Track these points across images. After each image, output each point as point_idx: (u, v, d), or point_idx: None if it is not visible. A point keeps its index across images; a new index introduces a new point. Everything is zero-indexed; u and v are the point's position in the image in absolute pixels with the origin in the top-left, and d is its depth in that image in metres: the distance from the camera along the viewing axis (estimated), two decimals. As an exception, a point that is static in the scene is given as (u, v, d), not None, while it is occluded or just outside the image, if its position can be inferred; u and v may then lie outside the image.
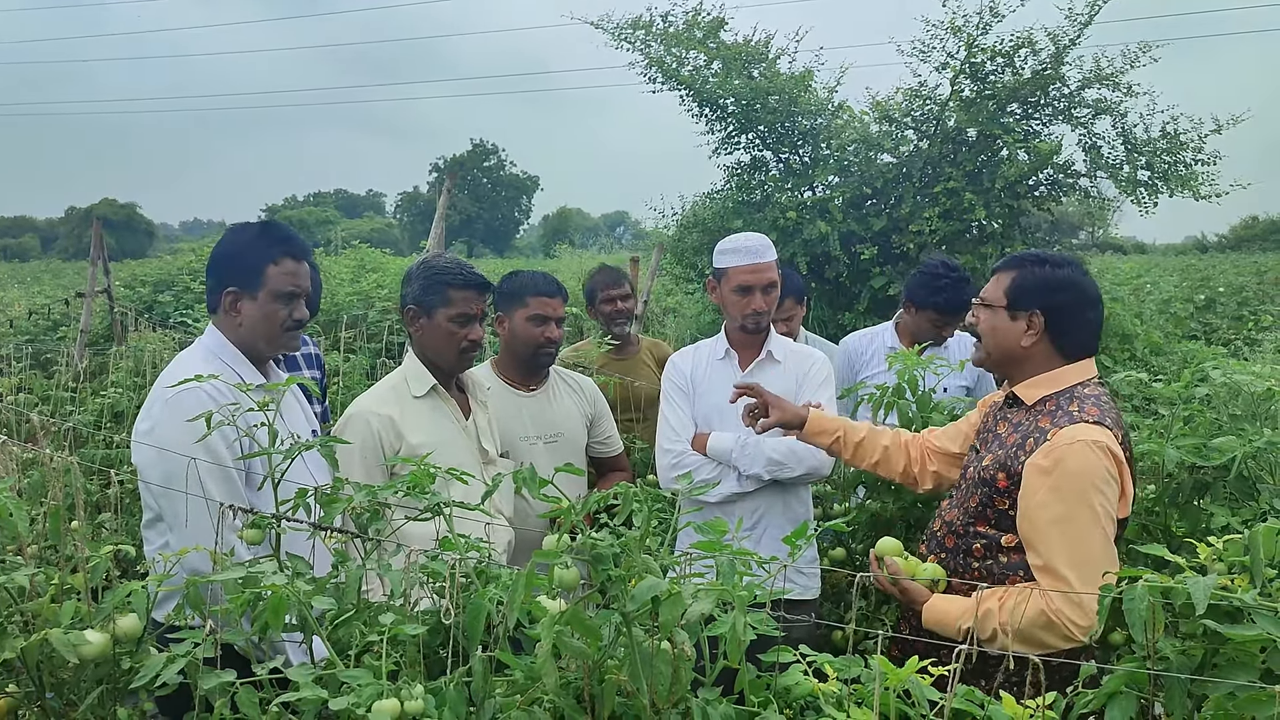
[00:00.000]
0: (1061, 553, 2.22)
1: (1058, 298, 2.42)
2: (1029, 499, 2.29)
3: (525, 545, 3.10)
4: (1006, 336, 2.48)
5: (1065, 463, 2.23)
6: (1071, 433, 2.26)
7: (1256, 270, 19.98)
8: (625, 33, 9.24)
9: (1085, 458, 2.22)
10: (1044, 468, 2.26)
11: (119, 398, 5.75)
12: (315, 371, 3.88)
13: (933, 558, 2.54)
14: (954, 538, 2.49)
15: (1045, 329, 2.43)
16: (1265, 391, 3.02)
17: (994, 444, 2.50)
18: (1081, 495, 2.21)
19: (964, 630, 2.29)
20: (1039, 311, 2.43)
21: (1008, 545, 2.37)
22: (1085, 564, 2.20)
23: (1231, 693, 1.55)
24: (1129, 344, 8.06)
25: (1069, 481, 2.22)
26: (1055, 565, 2.22)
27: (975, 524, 2.43)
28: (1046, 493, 2.25)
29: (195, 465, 2.22)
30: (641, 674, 1.48)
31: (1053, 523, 2.23)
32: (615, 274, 4.66)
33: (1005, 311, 2.48)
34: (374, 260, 12.36)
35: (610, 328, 4.49)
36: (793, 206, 8.56)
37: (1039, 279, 2.44)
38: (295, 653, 2.09)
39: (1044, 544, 2.25)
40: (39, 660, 1.77)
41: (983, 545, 2.42)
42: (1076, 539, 2.21)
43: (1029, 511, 2.29)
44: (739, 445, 3.20)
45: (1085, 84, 8.43)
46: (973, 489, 2.47)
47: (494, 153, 76.14)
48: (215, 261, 2.62)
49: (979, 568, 2.42)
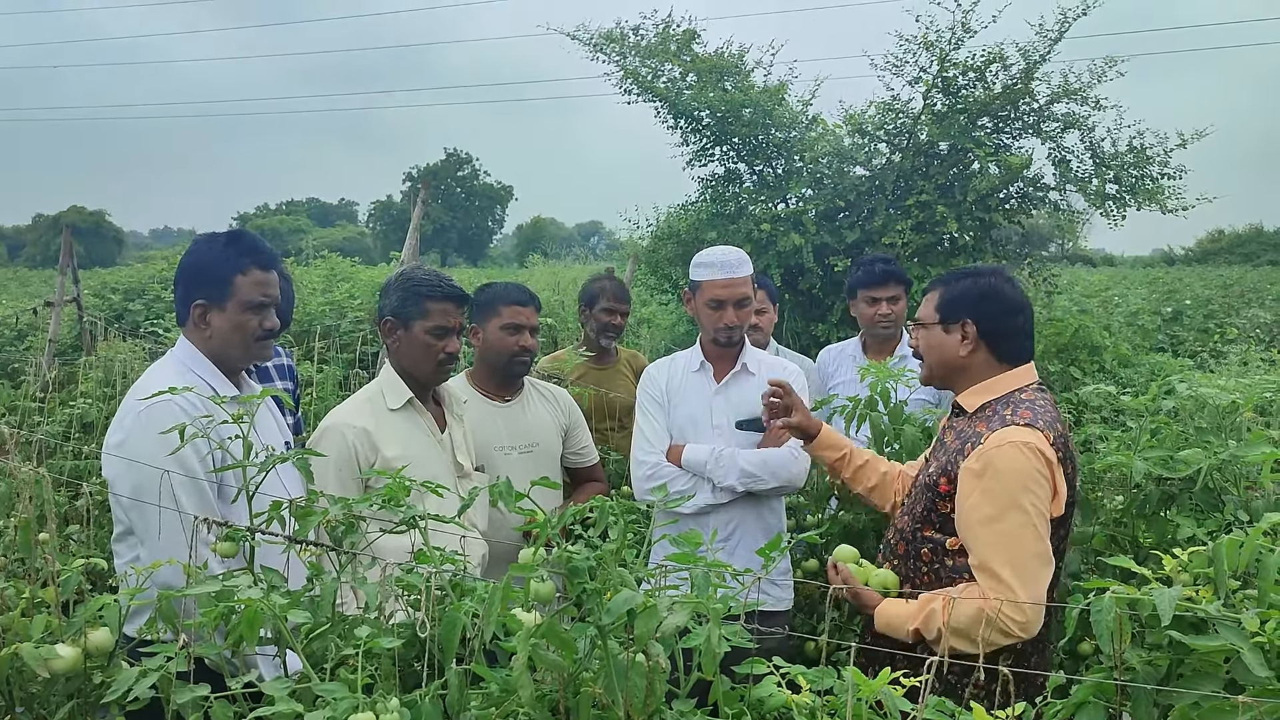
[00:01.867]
0: (995, 552, 2.29)
1: (985, 305, 2.53)
2: (962, 501, 2.38)
3: (500, 558, 3.10)
4: (944, 349, 2.58)
5: (995, 464, 2.32)
6: (1001, 435, 2.35)
7: (1223, 283, 20.27)
8: (600, 44, 9.26)
9: (1014, 459, 2.30)
10: (975, 470, 2.35)
11: (88, 408, 5.69)
12: (288, 382, 3.86)
13: (888, 565, 2.61)
14: (904, 544, 2.57)
15: (979, 336, 2.53)
16: (1230, 404, 3.07)
17: (940, 452, 2.59)
18: (1011, 496, 2.29)
19: (911, 631, 2.37)
20: (970, 320, 2.53)
21: (952, 548, 2.45)
22: (1019, 562, 2.27)
23: (1196, 702, 1.58)
24: (1098, 356, 8.16)
25: (999, 483, 2.30)
26: (990, 564, 2.30)
27: (922, 529, 2.52)
28: (978, 495, 2.33)
29: (167, 478, 2.21)
30: (617, 686, 1.49)
31: (984, 523, 2.31)
32: (622, 288, 4.65)
33: (939, 327, 2.58)
34: (345, 270, 12.31)
35: (601, 337, 4.49)
36: (767, 218, 8.60)
37: (963, 290, 2.56)
38: (267, 667, 2.08)
39: (978, 544, 2.33)
40: (9, 674, 1.75)
41: (930, 549, 2.50)
42: (1009, 538, 2.29)
43: (963, 513, 2.38)
44: (713, 457, 3.22)
45: (1054, 98, 8.52)
46: (919, 495, 2.56)
47: (468, 162, 76.00)
48: (183, 273, 2.61)
49: (927, 571, 2.50)
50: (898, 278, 4.28)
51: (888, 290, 4.26)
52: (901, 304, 4.30)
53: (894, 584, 2.50)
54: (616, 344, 4.64)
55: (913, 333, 2.70)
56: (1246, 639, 1.60)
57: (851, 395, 3.42)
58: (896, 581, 2.51)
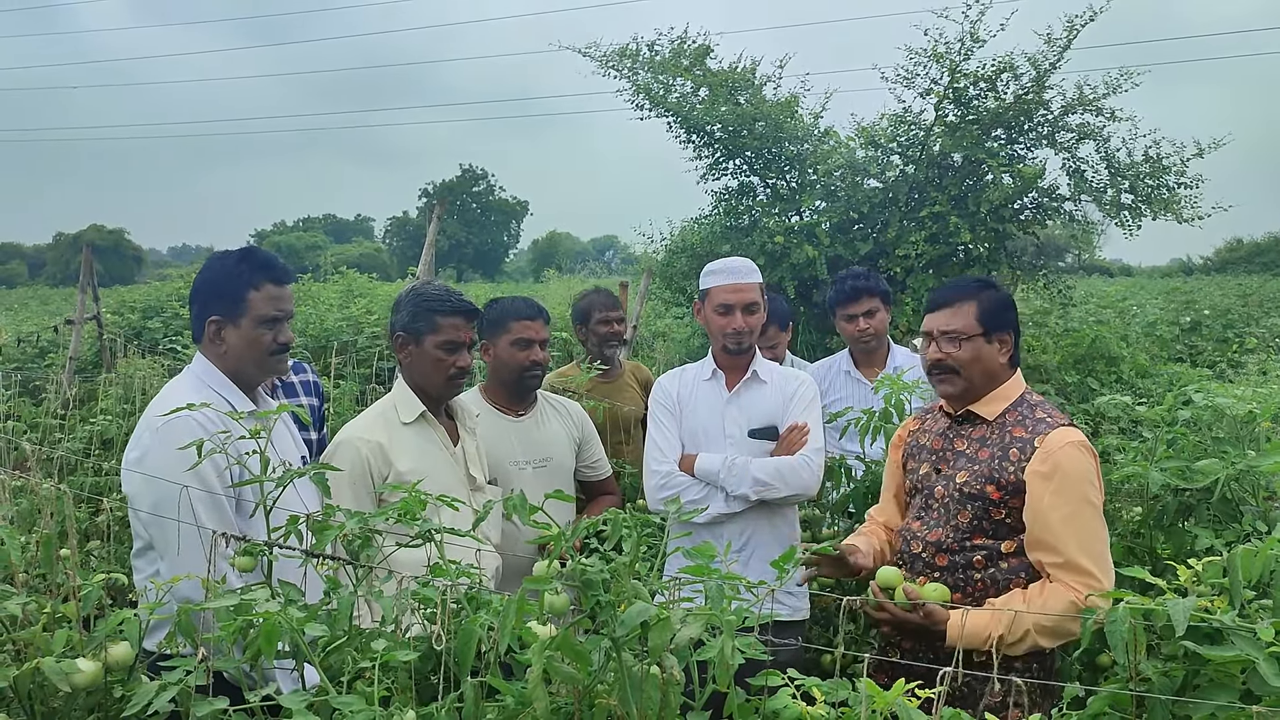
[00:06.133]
0: (1077, 547, 2.38)
1: (1012, 314, 2.64)
2: (1037, 504, 2.44)
3: (513, 571, 3.11)
4: (990, 361, 2.60)
5: (1062, 465, 2.43)
6: (1060, 436, 2.46)
7: (1241, 292, 20.11)
8: (613, 60, 9.31)
9: (1076, 458, 2.44)
10: (1044, 473, 2.43)
11: (108, 425, 5.73)
12: (314, 399, 3.89)
13: (922, 579, 2.57)
14: (946, 555, 2.57)
15: (1013, 345, 2.62)
16: (1247, 414, 3.06)
17: (962, 461, 2.60)
18: (1081, 492, 2.41)
19: (995, 638, 2.34)
20: (1010, 331, 2.61)
21: (1007, 551, 2.51)
22: (1096, 552, 2.40)
23: (1212, 713, 1.57)
24: (1115, 366, 8.12)
25: (1068, 482, 2.41)
26: (1075, 559, 2.38)
27: (971, 538, 2.55)
28: (1051, 495, 2.41)
29: (185, 493, 2.23)
30: (631, 698, 1.50)
31: (1064, 521, 2.40)
32: (611, 297, 4.67)
33: (982, 338, 2.59)
34: (362, 286, 12.36)
35: (603, 350, 4.51)
36: (780, 231, 8.61)
37: (999, 301, 2.62)
38: (285, 680, 2.09)
39: (1060, 542, 2.40)
40: (31, 689, 1.77)
41: (983, 556, 2.53)
42: (1086, 532, 2.40)
43: (1040, 515, 2.43)
44: (726, 466, 3.22)
45: (1068, 109, 8.52)
46: (958, 506, 2.56)
47: (483, 177, 76.23)
48: (197, 291, 2.64)
49: (981, 578, 2.53)
50: (871, 291, 4.30)
51: (862, 305, 4.29)
52: (880, 315, 4.32)
53: (947, 596, 2.49)
54: (620, 356, 4.66)
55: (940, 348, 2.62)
56: (1262, 649, 1.59)
57: (869, 409, 3.44)
58: (948, 594, 2.50)
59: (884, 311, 4.33)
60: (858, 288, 4.29)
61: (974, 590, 2.53)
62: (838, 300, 4.38)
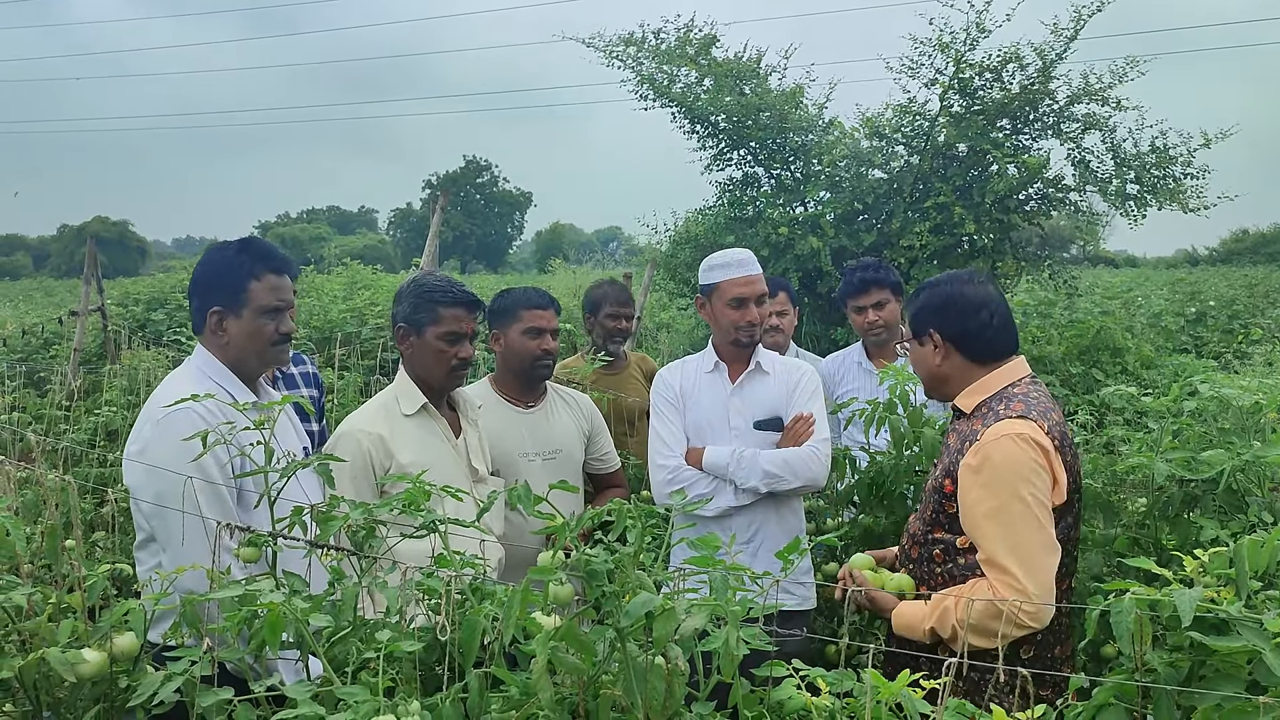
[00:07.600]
0: (1000, 544, 2.31)
1: (944, 313, 2.59)
2: (964, 498, 2.40)
3: (517, 562, 3.11)
4: (924, 362, 2.65)
5: (991, 458, 2.35)
6: (996, 429, 2.38)
7: (1247, 283, 20.03)
8: (617, 50, 9.29)
9: (1009, 451, 2.33)
10: (973, 466, 2.38)
11: (112, 416, 5.75)
12: (314, 390, 3.89)
13: (903, 570, 2.62)
14: (917, 547, 2.59)
15: (945, 342, 2.58)
16: (1253, 405, 3.04)
17: (944, 454, 2.62)
18: (1010, 487, 2.32)
19: (927, 631, 2.39)
20: (934, 330, 2.59)
21: (962, 547, 2.46)
22: (1023, 551, 2.30)
23: (1218, 704, 1.57)
24: (1120, 357, 8.10)
25: (997, 476, 2.33)
26: (996, 557, 2.32)
27: (932, 531, 2.54)
28: (978, 489, 2.36)
29: (188, 484, 2.23)
30: (636, 689, 1.50)
31: (987, 517, 2.34)
32: (624, 291, 4.66)
33: (915, 342, 2.65)
34: (366, 277, 12.38)
35: (609, 343, 4.51)
36: (784, 222, 8.59)
37: (924, 302, 2.63)
38: (290, 671, 2.09)
39: (983, 538, 2.35)
40: (36, 679, 1.78)
41: (941, 550, 2.51)
42: (1011, 529, 2.31)
43: (966, 510, 2.40)
44: (735, 459, 3.22)
45: (1074, 99, 8.49)
46: (929, 499, 2.58)
47: (487, 169, 76.15)
48: (197, 282, 2.63)
49: (941, 572, 2.51)
50: (880, 283, 4.28)
51: (871, 297, 4.27)
52: (890, 307, 4.29)
53: (910, 587, 2.51)
54: (625, 348, 4.66)
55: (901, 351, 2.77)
56: (1268, 640, 1.58)
57: (874, 400, 3.41)
58: (913, 585, 2.52)
59: (895, 303, 4.30)
60: (867, 279, 4.28)
61: (935, 584, 2.51)
62: (847, 292, 4.37)
